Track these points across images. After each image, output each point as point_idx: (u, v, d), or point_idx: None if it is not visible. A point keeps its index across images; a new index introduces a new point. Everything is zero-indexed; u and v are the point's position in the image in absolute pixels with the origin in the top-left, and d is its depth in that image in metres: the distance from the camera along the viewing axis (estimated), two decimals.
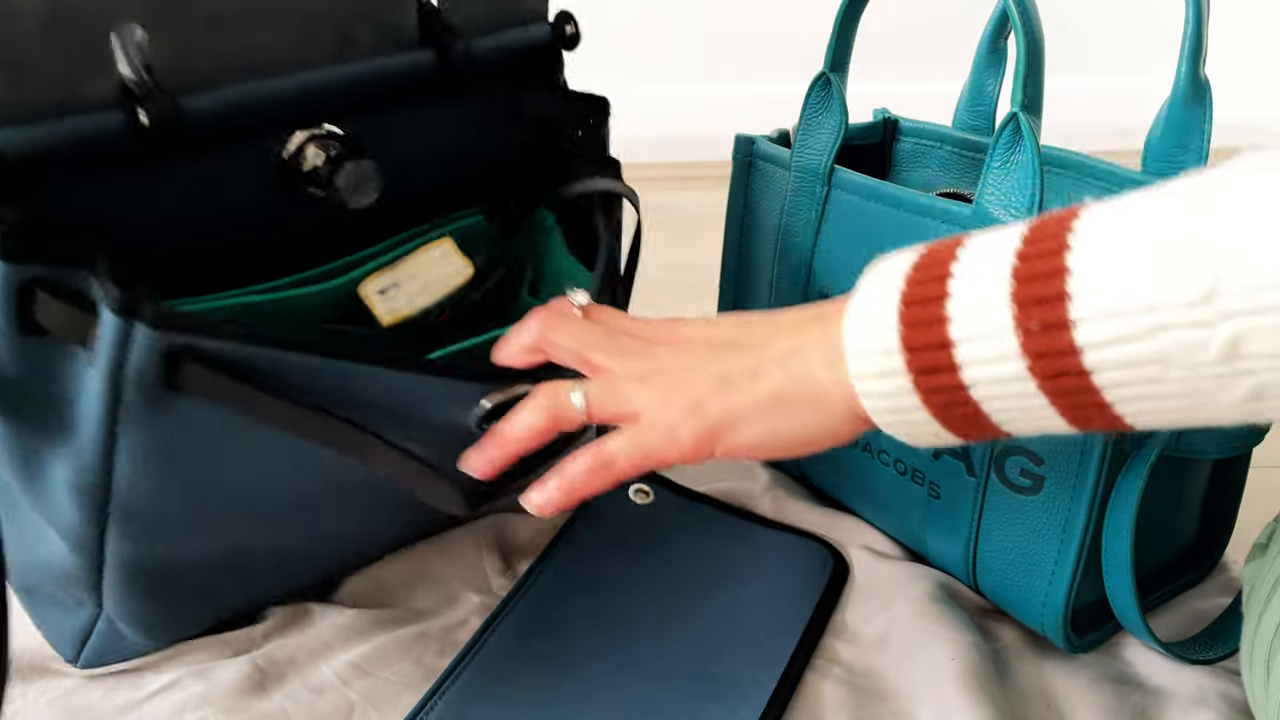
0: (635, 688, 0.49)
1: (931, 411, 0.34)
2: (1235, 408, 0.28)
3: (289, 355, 0.39)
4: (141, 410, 0.39)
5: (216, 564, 0.48)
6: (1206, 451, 0.47)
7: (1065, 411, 0.31)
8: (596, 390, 0.40)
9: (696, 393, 0.38)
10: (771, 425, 0.38)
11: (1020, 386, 0.31)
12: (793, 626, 0.53)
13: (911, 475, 0.55)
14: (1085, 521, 0.47)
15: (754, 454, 0.39)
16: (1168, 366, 0.28)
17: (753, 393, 0.38)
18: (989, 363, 0.31)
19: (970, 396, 0.32)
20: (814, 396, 0.37)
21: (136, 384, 0.38)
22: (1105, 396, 0.30)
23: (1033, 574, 0.50)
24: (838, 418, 0.37)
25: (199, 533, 0.46)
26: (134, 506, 0.42)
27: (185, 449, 0.41)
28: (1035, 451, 0.48)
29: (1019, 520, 0.49)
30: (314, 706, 0.48)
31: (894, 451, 0.55)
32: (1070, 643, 0.50)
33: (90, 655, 0.50)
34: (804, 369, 0.37)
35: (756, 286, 0.64)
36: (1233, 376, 0.27)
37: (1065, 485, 0.47)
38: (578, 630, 0.52)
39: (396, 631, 0.53)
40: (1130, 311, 0.28)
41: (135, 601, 0.47)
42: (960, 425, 0.34)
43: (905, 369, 0.33)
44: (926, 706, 0.48)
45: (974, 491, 0.51)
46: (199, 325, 0.38)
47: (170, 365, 0.38)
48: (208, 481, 0.43)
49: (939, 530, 0.54)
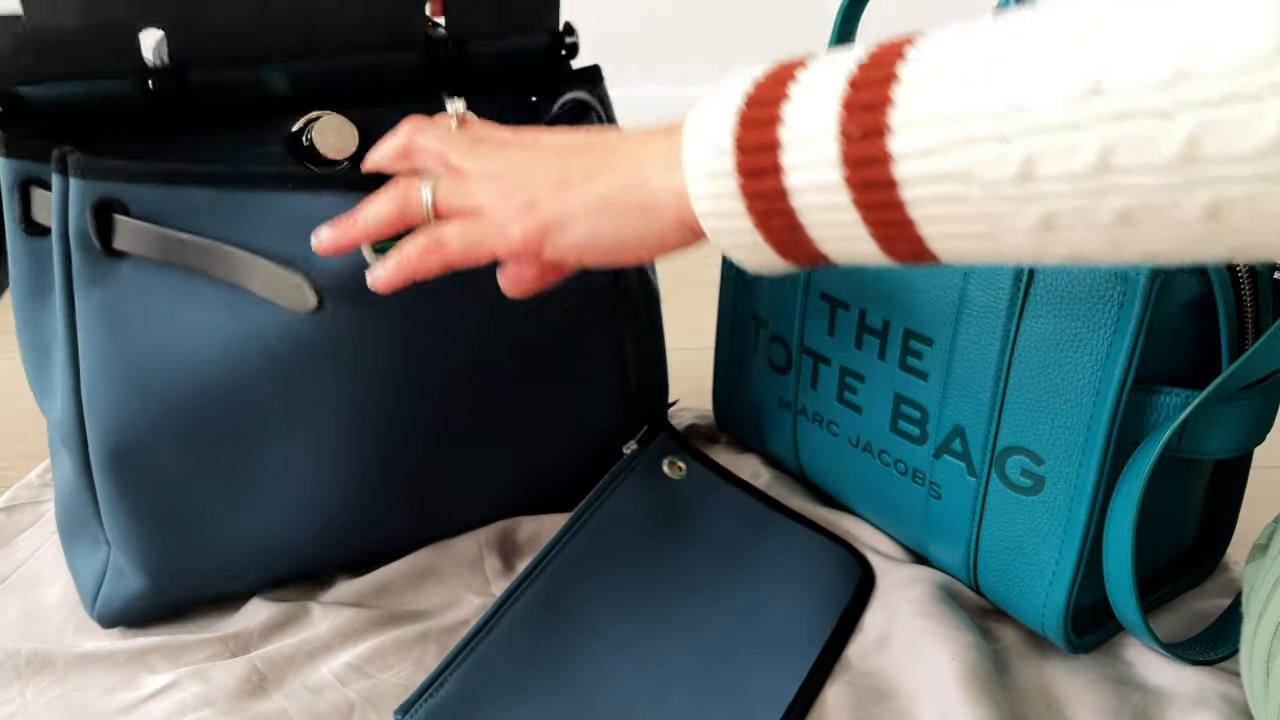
0: (647, 685, 0.49)
1: (754, 219, 0.34)
2: (1029, 237, 0.29)
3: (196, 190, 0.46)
4: (89, 275, 0.46)
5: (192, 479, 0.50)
6: (1208, 452, 0.47)
7: (875, 230, 0.31)
8: (445, 186, 0.42)
9: (533, 192, 0.39)
10: (597, 226, 0.38)
11: (836, 198, 0.31)
12: (813, 636, 0.52)
13: (912, 476, 0.55)
14: (1086, 522, 0.47)
15: (581, 256, 0.39)
16: (970, 184, 0.28)
17: (584, 193, 0.38)
18: (810, 168, 0.31)
19: (790, 206, 0.32)
20: (643, 201, 0.37)
21: (81, 245, 0.46)
22: (910, 213, 0.30)
23: (1033, 574, 0.50)
24: (665, 224, 0.37)
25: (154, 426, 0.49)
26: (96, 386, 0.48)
27: (129, 317, 0.47)
28: (1036, 451, 0.48)
29: (1020, 521, 0.50)
30: (313, 706, 0.48)
31: (895, 451, 0.55)
32: (1071, 643, 0.50)
33: (103, 603, 0.52)
34: (639, 175, 0.37)
35: (756, 288, 0.64)
36: (1026, 199, 0.27)
37: (1066, 485, 0.47)
38: (595, 613, 0.52)
39: (396, 631, 0.53)
40: (940, 121, 0.28)
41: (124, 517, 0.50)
42: (779, 238, 0.34)
43: (735, 170, 0.33)
44: (927, 706, 0.48)
45: (974, 492, 0.51)
46: (117, 171, 0.45)
47: (102, 221, 0.45)
48: (152, 354, 0.48)
49: (939, 531, 0.54)
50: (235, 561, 0.53)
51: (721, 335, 0.69)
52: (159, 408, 0.48)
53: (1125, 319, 0.43)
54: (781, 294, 0.61)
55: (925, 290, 0.51)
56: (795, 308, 0.60)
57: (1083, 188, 0.26)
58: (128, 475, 0.49)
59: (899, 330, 0.53)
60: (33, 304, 0.50)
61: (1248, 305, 0.44)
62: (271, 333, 0.48)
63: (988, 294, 0.48)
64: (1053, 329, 0.46)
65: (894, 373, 0.54)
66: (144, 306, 0.47)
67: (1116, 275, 0.43)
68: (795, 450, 0.64)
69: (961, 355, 0.50)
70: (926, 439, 0.53)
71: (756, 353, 0.65)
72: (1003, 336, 0.48)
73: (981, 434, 0.50)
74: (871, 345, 0.55)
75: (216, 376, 0.48)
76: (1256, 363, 0.44)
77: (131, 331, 0.47)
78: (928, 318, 0.52)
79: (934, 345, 0.51)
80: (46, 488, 0.66)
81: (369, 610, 0.54)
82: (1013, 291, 0.47)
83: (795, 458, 0.64)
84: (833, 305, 0.57)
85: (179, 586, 0.53)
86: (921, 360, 0.52)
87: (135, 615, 0.53)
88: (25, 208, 0.47)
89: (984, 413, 0.50)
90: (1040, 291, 0.46)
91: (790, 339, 0.61)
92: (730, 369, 0.68)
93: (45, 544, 0.61)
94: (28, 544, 0.61)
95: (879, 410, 0.56)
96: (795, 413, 0.62)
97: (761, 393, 0.65)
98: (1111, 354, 0.44)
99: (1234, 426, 0.46)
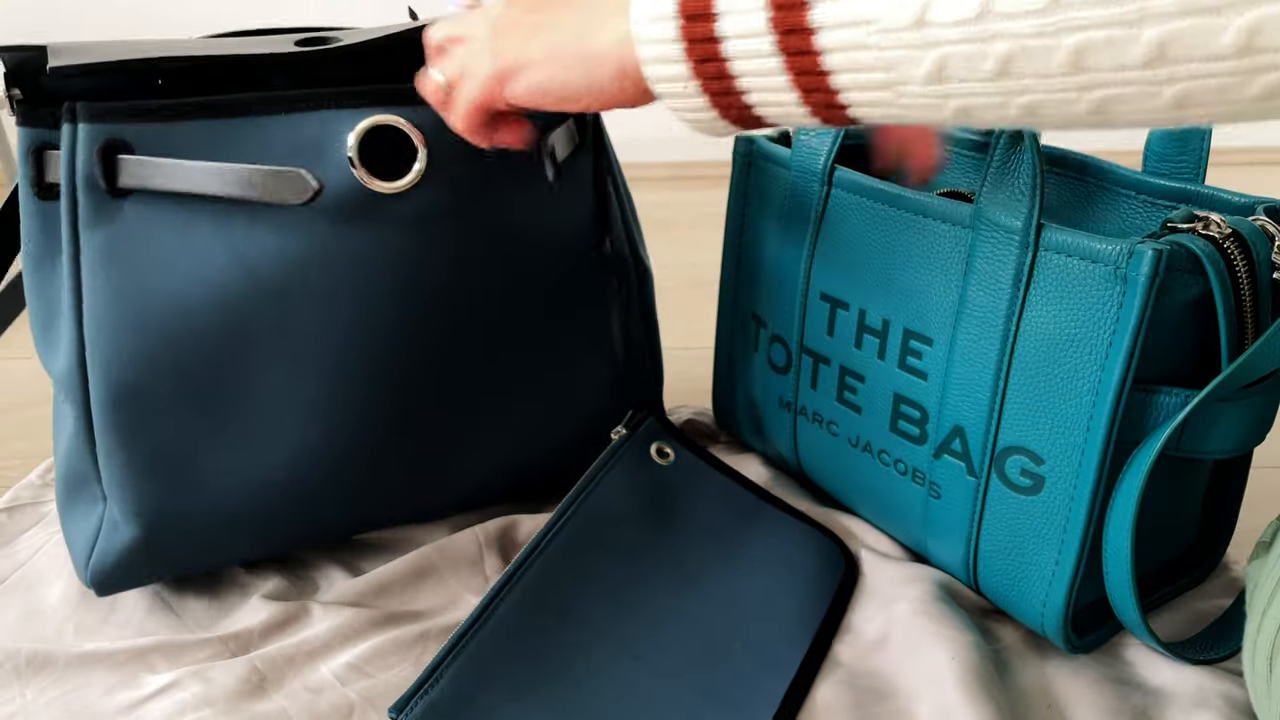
0: (641, 681, 0.49)
1: (691, 66, 0.36)
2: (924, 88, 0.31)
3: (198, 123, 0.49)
4: (93, 217, 0.49)
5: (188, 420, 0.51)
6: (1208, 451, 0.47)
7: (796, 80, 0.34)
8: (443, 62, 0.47)
9: (502, 44, 0.43)
10: (548, 74, 0.41)
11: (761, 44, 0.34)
12: (802, 633, 0.52)
13: (912, 476, 0.55)
14: (1086, 522, 0.47)
15: (534, 99, 0.43)
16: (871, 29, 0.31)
17: (538, 44, 0.41)
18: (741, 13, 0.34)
19: (721, 51, 0.35)
20: (585, 52, 0.40)
21: (87, 187, 0.48)
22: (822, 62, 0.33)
23: (1033, 574, 0.50)
24: (608, 72, 0.39)
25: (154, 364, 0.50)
26: (98, 327, 0.50)
27: (131, 255, 0.49)
28: (1036, 451, 0.48)
29: (1019, 521, 0.50)
30: (313, 706, 0.48)
31: (895, 451, 0.55)
32: (1070, 643, 0.50)
33: (96, 565, 0.53)
34: (590, 23, 0.40)
35: (756, 288, 0.64)
36: (921, 46, 0.30)
37: (1066, 485, 0.47)
38: (587, 606, 0.52)
39: (396, 631, 0.53)
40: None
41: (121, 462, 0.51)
42: (712, 88, 0.36)
43: (677, 12, 0.35)
44: (927, 706, 0.48)
45: (974, 492, 0.51)
46: (123, 110, 0.48)
47: (108, 163, 0.48)
48: (151, 291, 0.50)
49: (939, 531, 0.54)
50: (228, 511, 0.53)
51: (721, 335, 0.69)
52: (158, 344, 0.50)
53: (1125, 319, 0.43)
54: (781, 293, 0.61)
55: (925, 290, 0.51)
56: (795, 307, 0.60)
57: (969, 33, 0.29)
58: (125, 415, 0.50)
59: (899, 330, 0.53)
60: (41, 265, 0.51)
61: (1247, 305, 0.44)
62: (264, 263, 0.50)
63: (987, 294, 0.48)
64: (1052, 329, 0.46)
65: (894, 372, 0.54)
66: (144, 244, 0.49)
67: (1116, 275, 0.43)
68: (795, 450, 0.64)
69: (961, 355, 0.50)
70: (926, 439, 0.53)
71: (756, 352, 0.65)
72: (1002, 337, 0.48)
73: (981, 434, 0.50)
74: (871, 345, 0.55)
75: (213, 312, 0.50)
76: (1256, 363, 0.44)
77: (132, 270, 0.49)
78: (928, 317, 0.52)
79: (934, 345, 0.51)
80: (47, 488, 0.66)
81: (368, 610, 0.54)
82: (1013, 292, 0.47)
83: (795, 457, 0.64)
84: (832, 305, 0.57)
85: (173, 540, 0.53)
86: (921, 360, 0.52)
87: (128, 573, 0.54)
88: (39, 172, 0.50)
89: (984, 413, 0.50)
90: (1040, 292, 0.46)
91: (790, 338, 0.61)
92: (730, 368, 0.68)
93: (46, 544, 0.61)
94: (29, 544, 0.61)
95: (879, 410, 0.56)
96: (795, 412, 0.62)
97: (761, 392, 0.65)
98: (1111, 354, 0.44)
99: (1233, 426, 0.46)
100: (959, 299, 0.50)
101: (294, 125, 0.50)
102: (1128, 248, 0.42)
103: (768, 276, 0.62)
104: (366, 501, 0.57)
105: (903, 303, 0.53)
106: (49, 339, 0.53)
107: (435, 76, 0.47)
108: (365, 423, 0.54)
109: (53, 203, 0.50)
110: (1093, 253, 0.44)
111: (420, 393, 0.55)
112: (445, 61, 0.46)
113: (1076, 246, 0.44)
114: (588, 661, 0.49)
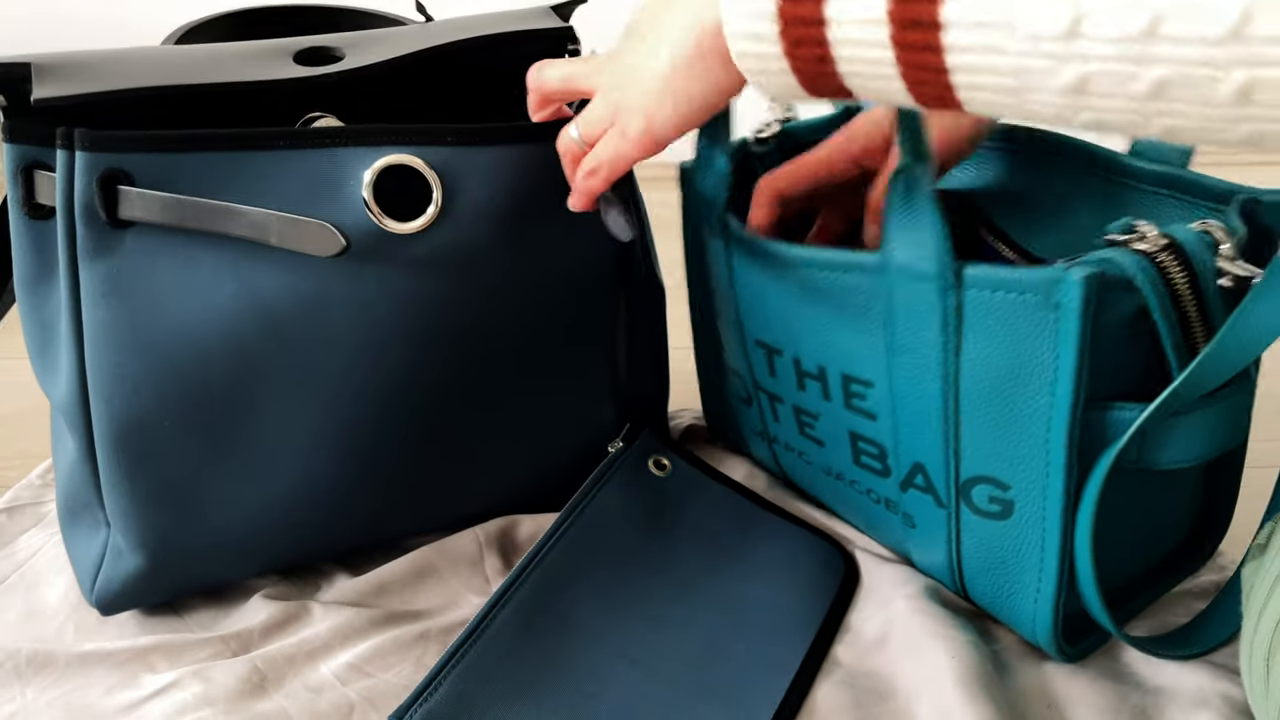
0: (639, 684, 0.49)
1: (784, 45, 0.34)
2: (1058, 98, 0.29)
3: (202, 155, 0.47)
4: (93, 248, 0.47)
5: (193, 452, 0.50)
6: (1170, 462, 0.45)
7: (906, 72, 0.32)
8: (582, 120, 0.46)
9: (628, 94, 0.43)
10: (675, 95, 0.41)
11: (874, 33, 0.32)
12: (801, 634, 0.52)
13: (885, 505, 0.54)
14: (1061, 540, 0.45)
15: (682, 126, 0.42)
16: (1012, 34, 0.29)
17: (655, 72, 0.41)
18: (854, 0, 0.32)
19: (826, 35, 0.33)
20: (695, 51, 0.39)
21: (85, 217, 0.47)
22: (946, 59, 0.31)
23: (1018, 592, 0.49)
24: (723, 61, 0.38)
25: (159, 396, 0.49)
26: (100, 359, 0.48)
27: (133, 287, 0.48)
28: (999, 479, 0.46)
29: (996, 544, 0.49)
30: (313, 706, 0.48)
31: (864, 482, 0.54)
32: (1064, 652, 0.50)
33: (101, 587, 0.53)
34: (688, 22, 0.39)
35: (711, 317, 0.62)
36: (1065, 58, 0.28)
37: (1035, 507, 0.46)
38: (585, 613, 0.52)
39: (396, 631, 0.53)
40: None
41: (125, 493, 0.50)
42: (807, 69, 0.35)
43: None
44: (926, 706, 0.48)
45: (947, 520, 0.50)
46: (124, 141, 0.46)
47: (108, 192, 0.46)
48: (156, 323, 0.48)
49: (921, 553, 0.54)
50: (232, 540, 0.53)
51: (699, 354, 0.67)
52: (163, 377, 0.49)
53: (1065, 345, 0.41)
54: (727, 329, 0.59)
55: (851, 337, 0.49)
56: (740, 349, 0.58)
57: (1126, 52, 0.27)
58: (130, 447, 0.50)
59: (836, 374, 0.51)
60: (36, 287, 0.50)
61: (1192, 315, 0.42)
62: (275, 298, 0.49)
63: (918, 338, 0.46)
64: (994, 360, 0.44)
65: (842, 412, 0.53)
66: (148, 276, 0.48)
67: (1048, 303, 0.41)
68: (779, 468, 0.64)
69: (904, 397, 0.48)
70: (890, 473, 0.52)
71: (726, 380, 0.64)
72: (942, 376, 0.46)
73: (941, 468, 0.49)
74: (814, 388, 0.53)
75: (219, 344, 0.49)
76: (1206, 373, 0.42)
77: (135, 301, 0.48)
78: (861, 362, 0.50)
79: (874, 387, 0.50)
80: (47, 488, 0.66)
81: (369, 610, 0.54)
82: (943, 333, 0.45)
83: (781, 472, 0.64)
84: (767, 351, 0.56)
85: (177, 568, 0.53)
86: (866, 401, 0.51)
87: (133, 598, 0.53)
88: (29, 191, 0.48)
89: (939, 448, 0.48)
90: (973, 328, 0.44)
91: (744, 375, 0.60)
92: (709, 387, 0.68)
93: (46, 544, 0.61)
94: (29, 544, 0.61)
95: (839, 445, 0.54)
96: (769, 440, 0.62)
97: (737, 418, 0.65)
98: (1058, 378, 0.42)
99: (1197, 436, 0.44)
100: (890, 343, 0.48)
101: (306, 161, 0.48)
102: (1054, 275, 0.41)
103: (714, 308, 0.61)
104: (371, 524, 0.57)
105: (833, 350, 0.51)
106: (46, 362, 0.52)
107: (572, 134, 0.47)
108: (372, 456, 0.53)
109: (45, 222, 0.49)
110: (1019, 284, 0.42)
111: (429, 425, 0.54)
112: (587, 122, 0.46)
113: (1002, 280, 0.42)
114: (586, 667, 0.49)
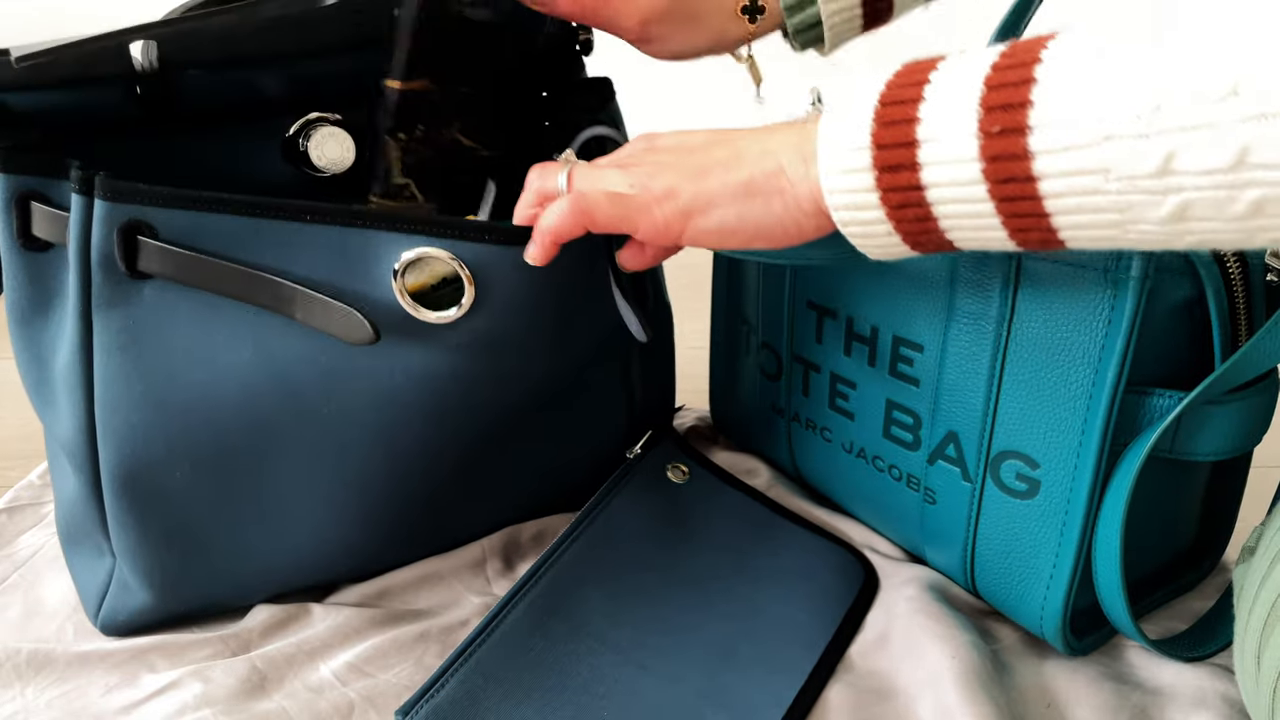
0: (646, 686, 0.49)
1: (887, 211, 0.36)
2: (1161, 227, 0.30)
3: (231, 217, 0.45)
4: (109, 296, 0.45)
5: (204, 503, 0.50)
6: (1201, 453, 0.46)
7: (1008, 221, 0.33)
8: (580, 171, 0.45)
9: (672, 179, 0.42)
10: (740, 211, 0.40)
11: (972, 191, 0.33)
12: (816, 639, 0.52)
13: (907, 481, 0.55)
14: (1083, 525, 0.46)
15: (722, 240, 0.42)
16: (1108, 178, 0.30)
17: (724, 180, 0.41)
18: (948, 164, 0.33)
19: (925, 198, 0.34)
20: (781, 189, 0.39)
21: (103, 266, 0.45)
22: (1046, 205, 0.32)
23: (1030, 578, 0.49)
24: (803, 211, 0.39)
25: (170, 449, 0.48)
26: (111, 407, 0.47)
27: (150, 339, 0.47)
28: (1031, 455, 0.48)
29: (1016, 525, 0.49)
30: (313, 706, 0.48)
31: (889, 457, 0.55)
32: (1069, 645, 0.50)
33: (107, 614, 0.53)
34: (775, 164, 0.39)
35: (744, 293, 0.63)
36: (1163, 191, 0.29)
37: (1062, 489, 0.47)
38: (595, 616, 0.52)
39: (396, 631, 0.53)
40: (1080, 120, 0.30)
41: (134, 537, 0.50)
42: (911, 229, 0.36)
43: (871, 165, 0.35)
44: (926, 706, 0.48)
45: (970, 497, 0.51)
46: (148, 195, 0.44)
47: (128, 243, 0.44)
48: (171, 377, 0.47)
49: (936, 535, 0.54)
50: (243, 581, 0.54)
51: (716, 338, 0.68)
52: (175, 434, 0.48)
53: (1117, 321, 0.43)
54: (768, 300, 0.60)
55: (912, 297, 0.51)
56: (783, 314, 0.59)
57: (1220, 181, 0.28)
58: (139, 496, 0.49)
59: (888, 337, 0.53)
60: (32, 319, 0.49)
61: (1240, 308, 0.44)
62: (293, 368, 0.48)
63: (976, 301, 0.48)
64: (1044, 333, 0.45)
65: (885, 379, 0.54)
66: (165, 329, 0.47)
67: (1107, 280, 0.43)
68: (791, 455, 0.64)
69: (953, 361, 0.50)
70: (920, 445, 0.53)
71: (748, 357, 0.65)
72: (994, 342, 0.47)
73: (975, 439, 0.50)
74: (861, 352, 0.55)
75: (235, 402, 0.48)
76: (1245, 366, 0.44)
77: (150, 357, 0.47)
78: (917, 324, 0.51)
79: (924, 351, 0.51)
80: (47, 488, 0.66)
81: (369, 610, 0.54)
82: (1001, 298, 0.47)
83: (791, 462, 0.64)
84: (820, 313, 0.57)
85: (185, 602, 0.53)
86: (912, 367, 0.52)
87: (139, 627, 0.53)
88: (24, 223, 0.46)
89: (977, 418, 0.49)
90: (1030, 297, 0.46)
91: (779, 346, 0.60)
92: (725, 373, 0.68)
93: (46, 544, 0.61)
94: (29, 544, 0.61)
95: (871, 417, 0.55)
96: (789, 419, 0.62)
97: (755, 398, 0.65)
98: (1104, 357, 0.43)
99: (1227, 428, 0.46)
100: (948, 305, 0.49)
101: (337, 237, 0.46)
102: (1115, 251, 0.42)
103: (755, 282, 0.62)
104: (379, 560, 0.57)
105: (890, 310, 0.52)
106: (44, 395, 0.51)
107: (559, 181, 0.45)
108: (384, 509, 0.54)
109: (41, 254, 0.47)
110: (1080, 257, 0.43)
111: (442, 478, 0.54)
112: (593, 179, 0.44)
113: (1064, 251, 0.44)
114: (593, 668, 0.49)
